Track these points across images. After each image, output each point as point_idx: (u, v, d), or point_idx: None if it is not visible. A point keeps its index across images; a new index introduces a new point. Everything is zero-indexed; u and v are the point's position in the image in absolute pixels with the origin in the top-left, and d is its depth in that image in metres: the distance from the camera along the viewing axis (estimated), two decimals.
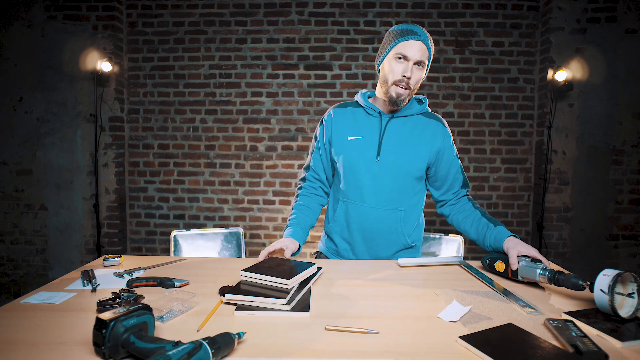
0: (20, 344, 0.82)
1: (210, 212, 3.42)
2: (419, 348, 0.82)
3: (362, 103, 1.47)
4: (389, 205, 1.44)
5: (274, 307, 0.98)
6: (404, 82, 1.34)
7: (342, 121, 1.47)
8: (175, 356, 0.68)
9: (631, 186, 3.17)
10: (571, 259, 3.20)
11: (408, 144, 1.42)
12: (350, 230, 1.47)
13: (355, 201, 1.45)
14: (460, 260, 1.44)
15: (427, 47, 1.34)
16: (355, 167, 1.43)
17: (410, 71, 1.33)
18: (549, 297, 1.12)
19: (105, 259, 1.38)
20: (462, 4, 3.26)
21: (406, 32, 1.33)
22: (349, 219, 1.47)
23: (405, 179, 1.43)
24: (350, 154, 1.43)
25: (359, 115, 1.47)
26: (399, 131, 1.42)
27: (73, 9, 3.17)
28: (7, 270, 3.34)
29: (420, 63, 1.34)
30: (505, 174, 3.34)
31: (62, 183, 3.26)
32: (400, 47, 1.33)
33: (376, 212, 1.44)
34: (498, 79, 3.29)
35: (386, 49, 1.37)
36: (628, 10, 3.06)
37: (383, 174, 1.41)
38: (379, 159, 1.41)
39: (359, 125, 1.45)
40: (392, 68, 1.35)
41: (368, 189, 1.43)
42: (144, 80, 3.36)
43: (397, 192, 1.44)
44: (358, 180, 1.43)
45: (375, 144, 1.42)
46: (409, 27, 1.34)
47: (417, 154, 1.42)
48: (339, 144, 1.46)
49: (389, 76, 1.36)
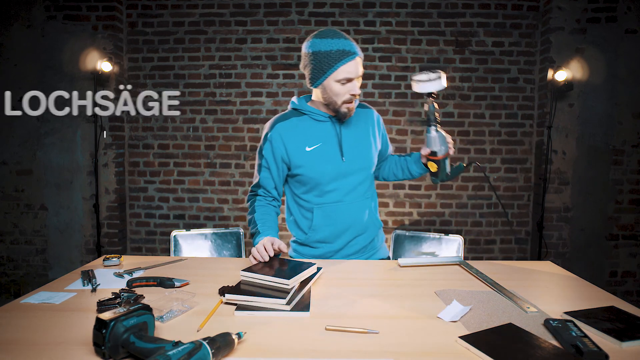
0: (20, 344, 0.82)
1: (210, 212, 3.42)
2: (419, 348, 0.82)
3: (307, 110, 1.46)
4: (363, 196, 1.51)
5: (274, 307, 0.98)
6: (352, 99, 1.39)
7: (292, 134, 1.44)
8: (175, 356, 0.68)
9: (631, 186, 3.17)
10: (571, 259, 3.20)
11: (361, 138, 1.50)
12: (336, 229, 1.48)
13: (332, 203, 1.47)
14: (460, 260, 1.44)
15: (361, 57, 1.37)
16: (325, 174, 1.44)
17: (358, 87, 1.38)
18: (549, 297, 1.12)
19: (105, 259, 1.38)
20: (462, 4, 3.26)
21: (343, 53, 1.31)
22: (330, 220, 1.47)
23: (369, 169, 1.52)
24: (314, 163, 1.43)
25: (307, 123, 1.46)
26: (350, 129, 1.49)
27: (73, 9, 3.17)
28: (7, 270, 3.34)
29: (361, 75, 1.38)
30: (505, 174, 3.34)
31: (62, 183, 3.26)
32: (342, 73, 1.33)
33: (354, 206, 1.49)
34: (498, 79, 3.29)
35: (324, 73, 1.35)
36: (628, 10, 3.06)
37: (352, 172, 1.47)
38: (344, 160, 1.45)
39: (313, 133, 1.44)
40: (339, 91, 1.36)
41: (343, 189, 1.46)
42: (144, 80, 3.36)
43: (367, 182, 1.52)
44: (330, 185, 1.45)
45: (336, 147, 1.45)
46: (343, 47, 1.32)
47: (370, 142, 1.52)
48: (298, 157, 1.43)
49: (335, 98, 1.38)
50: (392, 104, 3.31)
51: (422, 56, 3.29)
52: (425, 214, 3.36)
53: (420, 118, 3.30)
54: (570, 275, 1.31)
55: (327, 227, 1.48)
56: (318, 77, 1.37)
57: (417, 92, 1.30)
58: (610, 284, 3.20)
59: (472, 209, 3.34)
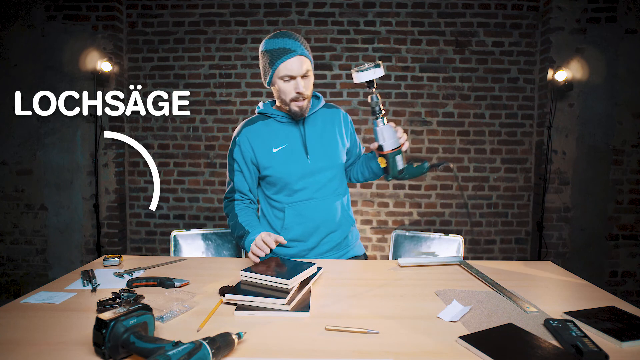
0: (20, 344, 0.82)
1: (210, 212, 3.42)
2: (419, 348, 0.82)
3: (271, 113, 1.51)
4: (334, 193, 1.53)
5: (274, 307, 0.98)
6: (300, 97, 1.40)
7: (258, 136, 1.49)
8: (175, 356, 0.68)
9: (631, 186, 3.16)
10: (571, 259, 3.20)
11: (326, 137, 1.52)
12: (308, 228, 1.50)
13: (303, 201, 1.49)
14: (460, 260, 1.44)
15: (305, 55, 1.37)
16: (292, 175, 1.47)
17: (303, 86, 1.38)
18: (549, 297, 1.12)
19: (105, 259, 1.38)
20: (462, 4, 3.26)
21: (282, 51, 1.35)
22: (302, 219, 1.50)
23: (336, 166, 1.54)
24: (281, 164, 1.47)
25: (272, 126, 1.51)
26: (314, 128, 1.52)
27: (73, 9, 3.17)
28: (7, 270, 3.34)
29: (305, 74, 1.38)
30: (505, 174, 3.34)
31: (62, 183, 3.26)
32: (283, 70, 1.36)
33: (325, 203, 1.51)
34: (498, 79, 3.29)
35: (269, 72, 1.40)
36: (628, 10, 3.06)
37: (319, 171, 1.49)
38: (309, 159, 1.48)
39: (278, 135, 1.49)
40: (284, 89, 1.40)
41: (311, 187, 1.49)
42: (144, 80, 3.36)
43: (336, 179, 1.54)
44: (298, 184, 1.48)
45: (301, 147, 1.48)
46: (282, 45, 1.36)
47: (336, 140, 1.54)
48: (266, 159, 1.47)
49: (284, 96, 1.42)
50: (392, 104, 3.31)
51: (422, 56, 3.29)
52: (425, 214, 3.36)
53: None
54: (570, 275, 1.31)
55: (298, 226, 1.50)
56: (266, 76, 1.43)
57: (368, 85, 1.29)
58: (610, 284, 3.20)
59: (472, 209, 3.34)
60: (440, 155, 3.33)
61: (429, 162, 1.31)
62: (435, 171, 3.31)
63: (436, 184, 3.34)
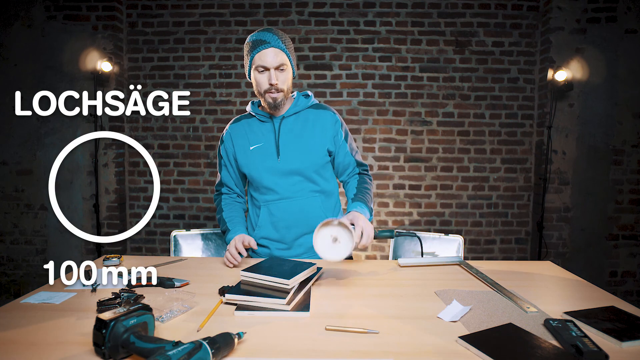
0: (20, 344, 0.82)
1: (210, 212, 3.42)
2: (419, 348, 0.82)
3: (253, 112, 1.55)
4: (306, 194, 1.51)
5: (274, 307, 0.98)
6: (273, 89, 1.42)
7: (240, 134, 1.54)
8: (175, 356, 0.68)
9: (631, 186, 3.16)
10: (571, 259, 3.20)
11: (304, 138, 1.50)
12: (278, 229, 1.52)
13: (274, 201, 1.51)
14: (460, 260, 1.44)
15: (281, 49, 1.40)
16: (263, 173, 1.50)
17: (275, 77, 1.40)
18: (549, 297, 1.12)
19: (105, 259, 1.38)
20: (462, 4, 3.26)
21: (257, 42, 1.40)
22: (274, 219, 1.52)
23: (309, 170, 1.51)
24: (255, 162, 1.51)
25: (253, 124, 1.55)
26: (292, 128, 1.51)
27: (73, 9, 3.17)
28: (7, 270, 3.34)
29: (280, 67, 1.41)
30: (505, 174, 3.33)
31: (62, 183, 3.26)
32: (257, 60, 1.40)
33: (296, 203, 1.50)
34: (498, 79, 3.29)
35: (248, 63, 1.45)
36: (628, 10, 3.06)
37: (288, 172, 1.49)
38: (280, 159, 1.49)
39: (256, 134, 1.52)
40: (258, 80, 1.43)
41: (280, 187, 1.50)
42: (144, 80, 3.36)
43: (309, 182, 1.51)
44: (268, 182, 1.50)
45: (273, 147, 1.50)
46: (259, 37, 1.41)
47: (315, 144, 1.51)
48: (243, 156, 1.53)
49: (258, 87, 1.45)
50: (392, 104, 3.31)
51: (422, 56, 3.29)
52: (425, 214, 3.36)
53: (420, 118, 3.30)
54: (570, 275, 1.31)
55: (270, 225, 1.52)
56: (246, 67, 1.47)
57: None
58: (610, 284, 3.20)
59: (472, 209, 3.34)
60: (440, 155, 3.33)
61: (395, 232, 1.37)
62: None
63: (436, 184, 3.34)
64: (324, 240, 1.06)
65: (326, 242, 1.05)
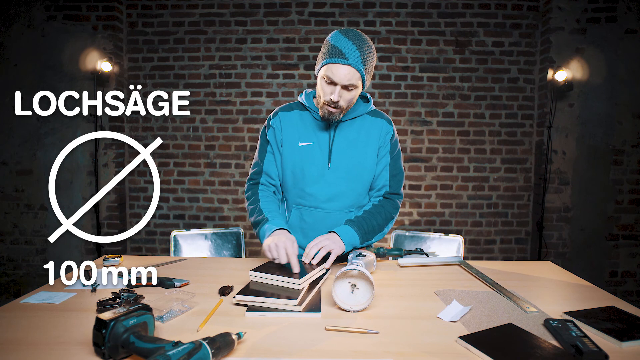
0: (20, 344, 0.82)
1: (210, 212, 3.42)
2: (419, 348, 0.82)
3: (310, 107, 1.43)
4: (344, 209, 1.42)
5: (286, 308, 0.97)
6: (333, 104, 1.30)
7: (291, 125, 1.42)
8: (175, 356, 0.68)
9: (631, 186, 3.16)
10: (571, 259, 3.20)
11: (357, 147, 1.40)
12: (307, 237, 1.38)
13: (309, 207, 1.42)
14: (460, 260, 1.44)
15: (357, 69, 1.24)
16: (308, 175, 1.40)
17: (338, 95, 1.27)
18: (549, 297, 1.12)
19: (105, 259, 1.38)
20: (462, 4, 3.26)
21: (336, 52, 1.24)
22: (304, 225, 1.43)
23: (357, 182, 1.42)
24: (302, 161, 1.40)
25: (306, 119, 1.43)
26: (347, 135, 1.40)
27: (73, 9, 3.17)
28: (7, 270, 3.34)
29: (349, 86, 1.26)
30: (505, 174, 3.34)
31: (62, 183, 3.26)
32: (328, 70, 1.26)
33: (332, 217, 1.41)
34: (498, 79, 3.29)
35: (320, 63, 1.30)
36: (628, 10, 3.06)
37: (336, 181, 1.39)
38: (330, 166, 1.39)
39: (308, 131, 1.41)
40: (322, 88, 1.30)
41: (322, 195, 1.40)
42: (144, 80, 3.36)
43: (352, 196, 1.42)
44: (310, 187, 1.40)
45: (325, 151, 1.40)
46: (340, 46, 1.24)
47: (367, 155, 1.41)
48: (290, 150, 1.41)
49: (320, 93, 1.32)
50: (392, 104, 3.31)
51: (422, 56, 3.29)
52: (425, 214, 3.36)
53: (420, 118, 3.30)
54: (570, 275, 1.31)
55: (299, 230, 1.43)
56: (318, 64, 1.33)
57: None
58: (610, 284, 3.20)
59: (472, 209, 3.34)
60: (440, 155, 3.33)
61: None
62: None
63: (436, 184, 3.34)
64: (343, 290, 1.02)
65: (345, 291, 1.02)
